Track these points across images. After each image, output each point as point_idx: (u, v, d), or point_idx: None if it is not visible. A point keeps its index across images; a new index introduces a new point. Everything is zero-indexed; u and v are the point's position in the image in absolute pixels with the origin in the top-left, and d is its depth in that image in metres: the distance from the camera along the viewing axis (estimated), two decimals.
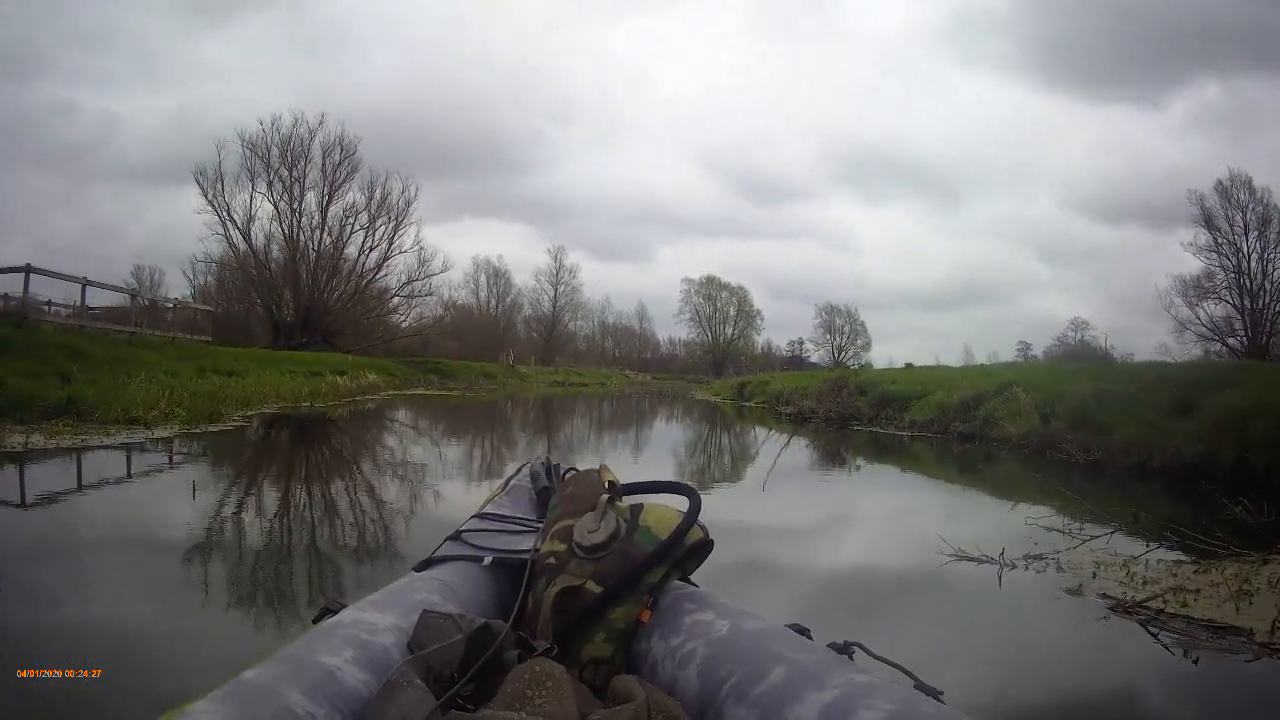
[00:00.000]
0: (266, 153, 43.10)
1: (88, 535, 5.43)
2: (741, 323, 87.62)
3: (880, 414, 19.67)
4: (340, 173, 44.87)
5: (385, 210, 46.32)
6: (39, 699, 2.49)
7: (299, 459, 10.82)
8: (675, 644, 1.50)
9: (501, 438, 16.01)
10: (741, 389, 38.56)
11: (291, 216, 43.95)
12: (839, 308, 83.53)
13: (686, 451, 14.77)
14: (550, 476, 2.32)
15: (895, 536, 7.02)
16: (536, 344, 76.51)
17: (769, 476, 9.18)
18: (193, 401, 13.20)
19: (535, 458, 2.42)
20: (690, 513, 1.70)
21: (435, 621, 1.39)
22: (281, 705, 1.11)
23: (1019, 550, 5.49)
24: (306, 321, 42.56)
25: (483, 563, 1.86)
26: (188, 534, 5.30)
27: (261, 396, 17.85)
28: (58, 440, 9.25)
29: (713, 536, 1.70)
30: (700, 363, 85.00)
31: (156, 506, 6.49)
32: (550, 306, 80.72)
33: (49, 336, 17.27)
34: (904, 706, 1.11)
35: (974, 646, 3.94)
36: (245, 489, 7.81)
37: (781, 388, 30.76)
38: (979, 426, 15.51)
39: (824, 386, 23.82)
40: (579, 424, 21.88)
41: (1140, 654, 3.83)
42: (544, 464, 2.37)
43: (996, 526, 6.63)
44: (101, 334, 21.06)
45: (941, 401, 17.59)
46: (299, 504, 7.20)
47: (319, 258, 44.90)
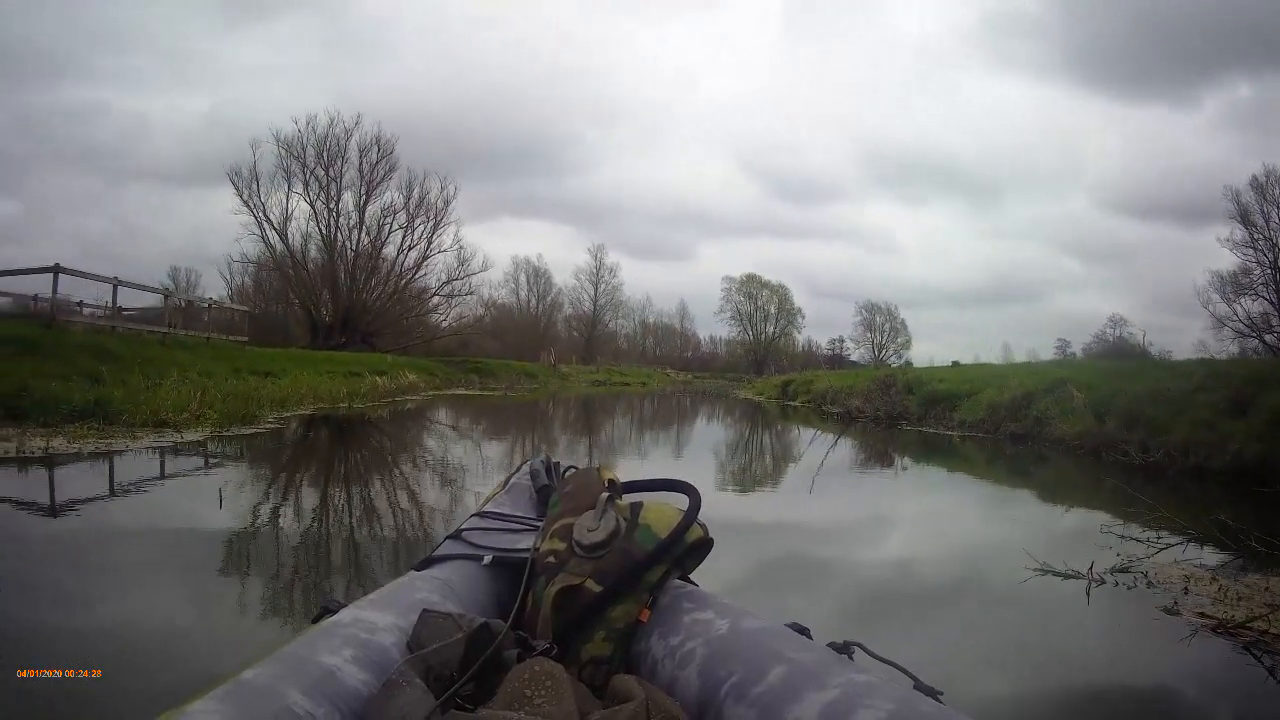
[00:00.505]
0: (302, 153, 43.42)
1: (95, 545, 5.15)
2: (782, 321, 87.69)
3: (929, 413, 19.22)
4: (378, 172, 45.12)
5: (424, 209, 46.53)
6: (39, 699, 2.48)
7: (333, 462, 10.35)
8: (675, 643, 1.48)
9: (543, 437, 15.62)
10: (785, 388, 38.13)
11: (329, 216, 44.19)
12: (879, 306, 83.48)
13: (730, 451, 14.55)
14: (550, 475, 2.31)
15: (965, 547, 6.59)
16: (577, 343, 76.83)
17: (816, 477, 8.94)
18: (225, 403, 12.80)
19: (535, 456, 2.41)
20: (690, 511, 1.69)
21: (435, 621, 1.38)
22: (281, 705, 1.09)
23: (1097, 560, 5.09)
24: (345, 321, 42.61)
25: (482, 562, 1.84)
26: (206, 547, 5.06)
27: (298, 397, 17.46)
28: (80, 444, 8.89)
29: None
30: (741, 361, 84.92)
31: (175, 515, 6.21)
32: (591, 305, 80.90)
33: (78, 338, 17.00)
34: (904, 706, 1.10)
35: (1079, 680, 3.61)
36: (272, 495, 7.43)
37: (827, 386, 30.15)
38: (1031, 426, 15.05)
39: (871, 385, 23.44)
40: (622, 423, 21.67)
41: (1255, 683, 3.53)
42: (544, 462, 2.37)
43: (1069, 534, 6.43)
44: (133, 335, 20.95)
45: (992, 400, 17.14)
46: (330, 509, 6.85)
47: (357, 257, 45.07)
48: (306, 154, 43.57)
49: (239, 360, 21.33)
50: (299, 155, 43.38)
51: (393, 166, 45.41)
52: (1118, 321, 59.50)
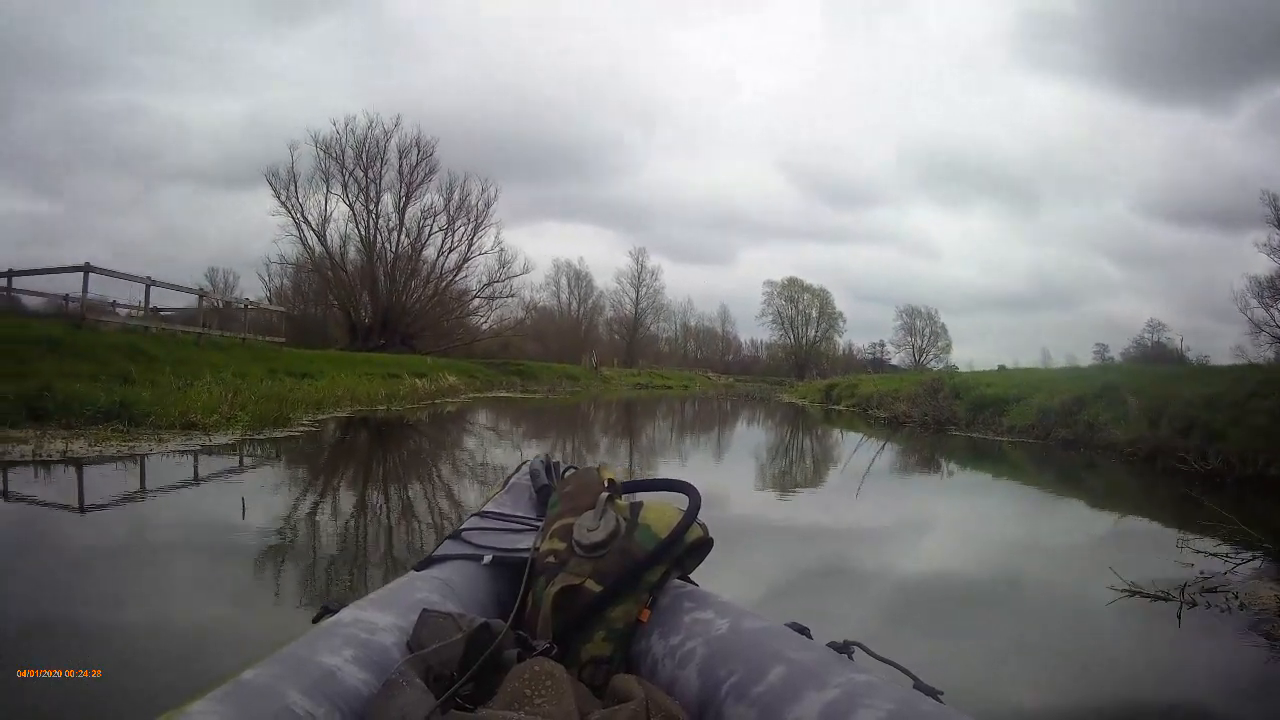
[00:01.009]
0: (341, 154, 43.14)
1: (102, 550, 4.91)
2: (824, 324, 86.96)
3: (977, 418, 18.80)
4: (418, 174, 45.03)
5: (464, 211, 46.31)
6: (39, 699, 2.47)
7: (363, 467, 9.96)
8: (675, 643, 1.48)
9: (585, 441, 15.11)
10: (829, 392, 37.54)
11: (368, 218, 44.12)
12: (920, 310, 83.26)
13: (776, 455, 14.37)
14: (550, 474, 2.30)
15: (1038, 564, 6.01)
16: (618, 346, 76.56)
17: (863, 484, 8.62)
18: (258, 405, 12.35)
19: (535, 455, 2.40)
20: (690, 511, 1.68)
21: (435, 621, 1.38)
22: (281, 705, 1.09)
23: (1176, 576, 4.78)
24: (385, 323, 42.48)
25: (482, 561, 1.83)
26: (219, 560, 4.78)
27: (335, 399, 17.05)
28: (101, 447, 8.49)
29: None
30: (782, 365, 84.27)
31: (190, 523, 5.85)
32: (632, 308, 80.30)
33: (110, 338, 16.79)
34: (904, 706, 1.10)
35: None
36: (297, 502, 6.90)
37: (872, 390, 29.72)
38: (1082, 432, 14.68)
39: (918, 390, 23.05)
40: (665, 426, 21.55)
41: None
42: (544, 462, 2.36)
43: (1141, 547, 6.16)
44: (167, 335, 20.75)
45: (1042, 405, 16.73)
46: (354, 516, 6.46)
47: (397, 259, 44.94)
48: (345, 155, 43.51)
49: (275, 361, 21.20)
50: (337, 157, 43.32)
51: (433, 168, 45.45)
52: (1156, 326, 59.71)
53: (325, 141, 42.76)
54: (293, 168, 41.88)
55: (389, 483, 8.50)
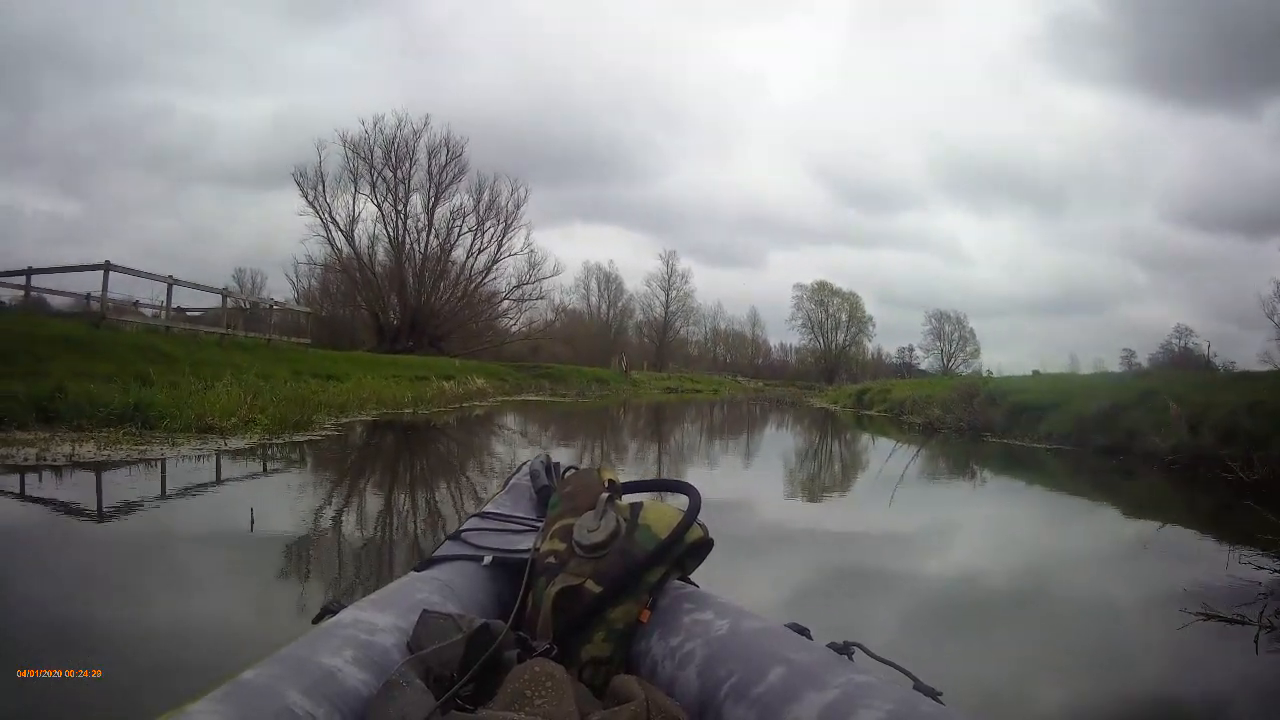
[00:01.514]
0: (369, 154, 42.92)
1: (99, 557, 4.59)
2: (853, 329, 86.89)
3: (1013, 424, 17.99)
4: (447, 174, 44.85)
5: (494, 213, 46.15)
6: (39, 699, 2.45)
7: (384, 473, 9.36)
8: (675, 644, 1.49)
9: (614, 445, 14.79)
10: (861, 396, 36.77)
11: (397, 218, 43.93)
12: (948, 314, 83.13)
13: (806, 461, 14.02)
14: (550, 475, 2.29)
15: (1099, 583, 5.47)
16: (648, 349, 76.27)
17: (896, 488, 8.18)
18: (279, 408, 11.90)
19: (535, 456, 2.40)
20: (690, 511, 1.68)
21: (435, 621, 1.38)
22: (281, 705, 1.09)
23: (1242, 595, 4.29)
24: (413, 325, 42.35)
25: (482, 562, 1.83)
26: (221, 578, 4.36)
27: (360, 402, 16.61)
28: (111, 451, 8.06)
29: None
30: (811, 369, 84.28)
31: (189, 539, 5.31)
32: (662, 312, 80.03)
33: (130, 337, 16.63)
34: (903, 706, 1.11)
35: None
36: (309, 512, 6.26)
37: (905, 395, 28.85)
38: (1120, 439, 13.91)
39: (952, 395, 22.27)
40: (697, 431, 21.16)
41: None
42: (544, 462, 2.35)
43: (1199, 564, 5.71)
44: (189, 335, 20.57)
45: (1079, 412, 15.91)
46: (369, 527, 6.01)
47: (425, 260, 44.69)
48: (374, 155, 43.39)
49: (300, 363, 20.90)
50: (366, 156, 43.24)
51: (462, 169, 45.29)
52: (1183, 332, 59.68)
53: (354, 141, 42.71)
54: (320, 167, 41.86)
55: (407, 489, 8.07)
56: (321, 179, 41.96)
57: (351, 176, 42.85)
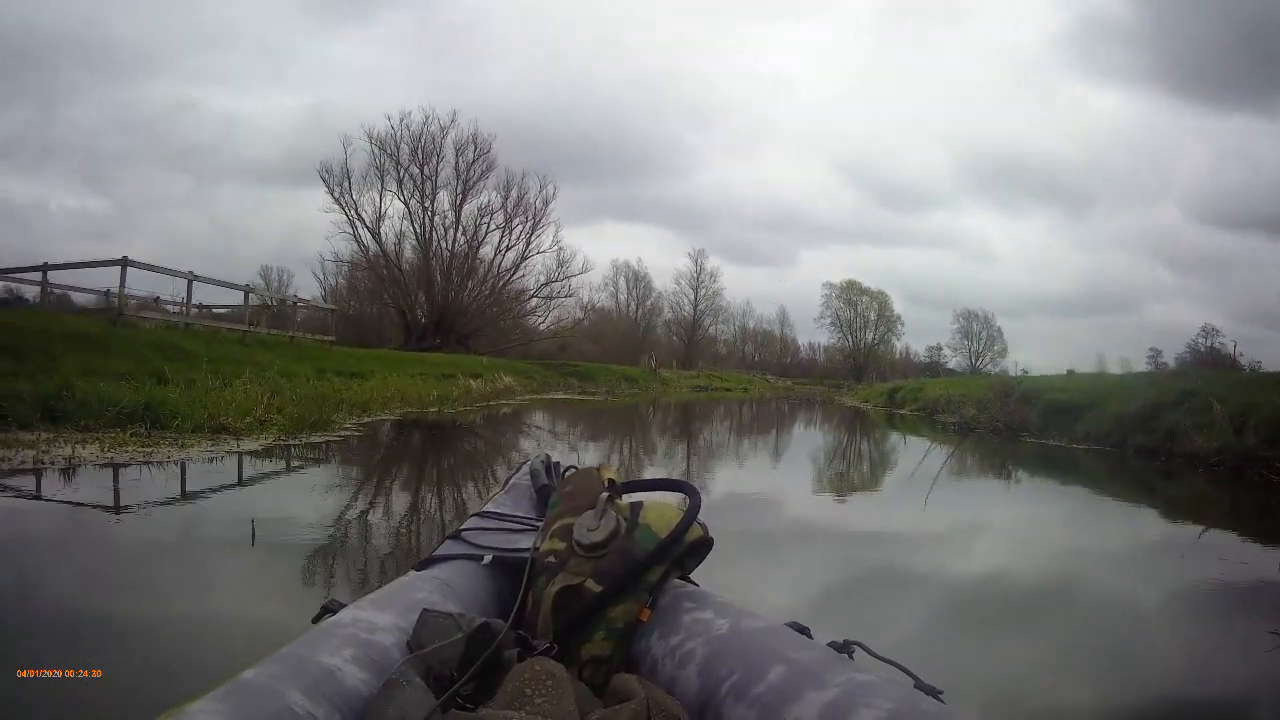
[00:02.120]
0: (395, 150, 42.63)
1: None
2: (882, 327, 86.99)
3: (1050, 424, 17.79)
4: (474, 171, 44.72)
5: (522, 210, 46.00)
6: (39, 699, 2.45)
7: (402, 477, 8.82)
8: (675, 643, 1.48)
9: (644, 445, 14.58)
10: (892, 395, 36.60)
11: (423, 215, 43.73)
12: (976, 313, 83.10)
13: (840, 460, 14.08)
14: (550, 474, 2.30)
15: (1172, 601, 4.97)
16: (676, 348, 76.44)
17: (931, 489, 7.96)
18: (297, 407, 11.53)
19: (536, 456, 2.38)
20: (690, 511, 1.68)
21: (435, 620, 1.37)
22: (281, 705, 1.09)
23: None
24: (440, 323, 42.14)
25: (482, 561, 1.83)
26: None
27: (384, 401, 16.17)
28: (115, 453, 7.66)
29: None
30: (840, 368, 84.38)
31: (181, 551, 4.86)
32: (690, 310, 79.85)
33: (148, 334, 16.27)
34: (904, 705, 1.10)
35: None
36: (316, 523, 5.63)
37: (938, 394, 28.81)
38: (1160, 440, 13.79)
39: (988, 394, 21.88)
40: (727, 429, 21.09)
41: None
42: (544, 462, 2.35)
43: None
44: (210, 332, 20.29)
45: (1118, 412, 15.64)
46: (381, 540, 5.42)
47: (453, 257, 44.31)
48: (400, 151, 43.20)
49: (324, 361, 20.67)
50: (392, 153, 43.04)
51: (490, 165, 45.07)
52: (1209, 332, 59.53)
53: (380, 138, 42.53)
54: (346, 163, 41.75)
55: (420, 493, 7.71)
56: (347, 175, 41.86)
57: (378, 173, 42.72)
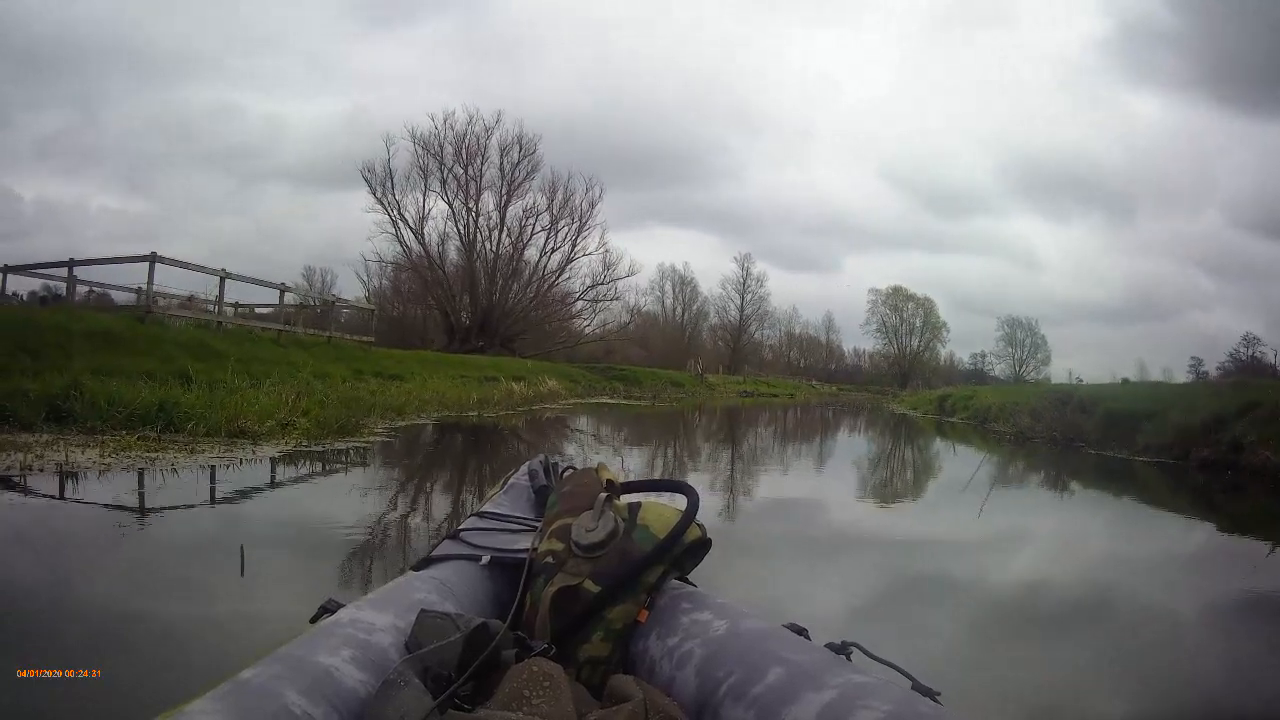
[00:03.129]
0: (439, 150, 42.31)
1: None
2: (927, 334, 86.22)
3: (1108, 435, 16.96)
4: (519, 172, 44.37)
5: (568, 212, 45.59)
6: (39, 699, 2.44)
7: (425, 496, 7.62)
8: (673, 644, 1.49)
9: (713, 463, 12.76)
10: (942, 403, 35.82)
11: (467, 216, 43.51)
12: (1020, 320, 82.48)
13: (894, 468, 13.62)
14: (548, 475, 2.29)
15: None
16: (722, 353, 75.72)
17: (986, 501, 7.84)
18: (325, 410, 10.89)
19: (535, 456, 2.39)
20: (688, 511, 1.68)
21: (433, 621, 1.37)
22: (279, 705, 1.09)
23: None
24: (484, 325, 41.94)
25: (480, 562, 1.83)
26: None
27: (420, 403, 15.76)
28: (115, 458, 7.04)
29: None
30: (885, 374, 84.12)
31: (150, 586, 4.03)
32: (737, 315, 79.37)
33: (176, 333, 15.73)
34: (902, 707, 1.10)
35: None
36: (317, 553, 4.81)
37: (989, 402, 27.89)
38: (1225, 453, 13.11)
39: (1044, 403, 21.24)
40: (773, 435, 20.64)
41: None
42: (542, 462, 2.35)
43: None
44: (244, 332, 19.80)
45: (1180, 423, 14.78)
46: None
47: (497, 259, 43.98)
48: (444, 152, 42.91)
49: (362, 362, 20.19)
50: (436, 153, 42.78)
51: (535, 166, 44.66)
52: (1251, 340, 58.21)
53: (423, 138, 42.16)
54: (389, 163, 41.43)
55: (438, 507, 6.87)
56: (390, 175, 41.58)
57: (421, 173, 42.46)
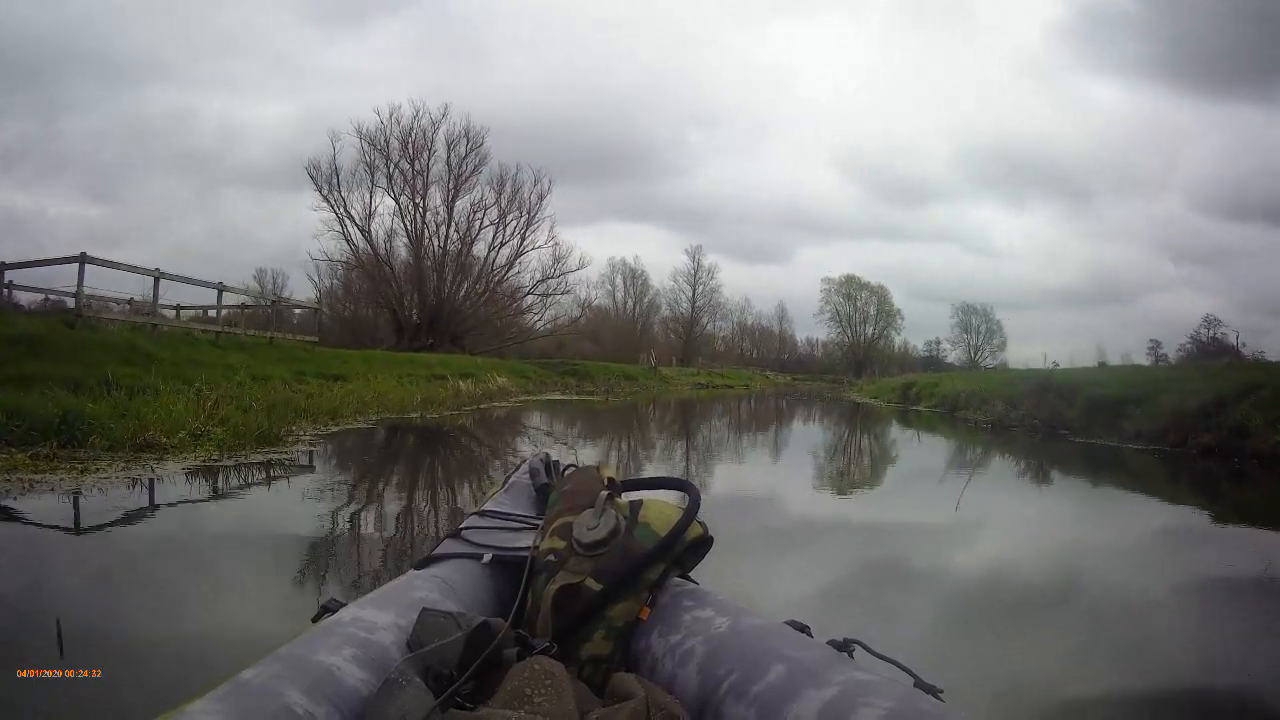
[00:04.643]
0: (386, 145, 41.38)
1: None
2: (881, 322, 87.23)
3: (1093, 422, 16.75)
4: (467, 165, 43.59)
5: (516, 205, 44.84)
6: (39, 699, 2.42)
7: (327, 517, 6.19)
8: (674, 641, 1.48)
9: (667, 462, 11.98)
10: (906, 391, 35.63)
11: (415, 212, 42.62)
12: (975, 307, 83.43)
13: (890, 471, 12.48)
14: (550, 473, 2.28)
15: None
16: (675, 345, 76.35)
17: (963, 493, 7.68)
18: (246, 417, 10.01)
19: (535, 454, 2.37)
20: (689, 509, 1.67)
21: (434, 620, 1.36)
22: (281, 704, 1.08)
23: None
24: (433, 322, 41.36)
25: (482, 560, 1.82)
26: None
27: (360, 405, 15.00)
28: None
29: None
30: (838, 363, 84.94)
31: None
32: (688, 307, 79.87)
33: (107, 337, 14.59)
34: (903, 704, 1.09)
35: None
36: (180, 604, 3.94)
37: (957, 390, 27.70)
38: (1228, 438, 12.93)
39: (1024, 389, 21.03)
40: (740, 429, 20.18)
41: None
42: (543, 460, 2.34)
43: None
44: (181, 334, 19.00)
45: (1174, 408, 14.61)
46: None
47: (445, 255, 43.45)
48: (390, 147, 41.99)
49: (305, 363, 19.26)
50: (382, 149, 41.87)
51: (483, 159, 44.00)
52: (1212, 322, 58.35)
53: (370, 133, 41.81)
54: (334, 160, 40.33)
55: (340, 543, 5.52)
56: (335, 172, 40.56)
57: (367, 169, 41.43)
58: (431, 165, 42.68)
